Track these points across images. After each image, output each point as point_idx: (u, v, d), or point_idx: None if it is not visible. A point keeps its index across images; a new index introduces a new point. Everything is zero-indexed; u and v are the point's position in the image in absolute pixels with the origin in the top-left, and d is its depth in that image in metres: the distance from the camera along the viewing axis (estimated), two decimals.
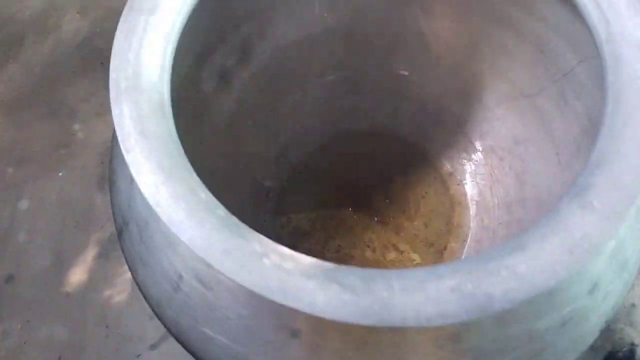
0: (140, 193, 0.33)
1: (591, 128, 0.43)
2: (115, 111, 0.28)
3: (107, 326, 0.56)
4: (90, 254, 0.59)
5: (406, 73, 0.51)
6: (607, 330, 0.38)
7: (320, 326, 0.28)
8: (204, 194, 0.28)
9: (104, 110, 0.64)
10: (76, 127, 0.63)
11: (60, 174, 0.62)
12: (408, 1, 0.48)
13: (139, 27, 0.30)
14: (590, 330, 0.34)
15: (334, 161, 0.53)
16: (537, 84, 0.46)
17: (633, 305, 0.47)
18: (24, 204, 0.61)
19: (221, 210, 0.27)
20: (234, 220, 0.27)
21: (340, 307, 0.25)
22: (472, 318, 0.25)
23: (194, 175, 0.28)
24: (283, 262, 0.26)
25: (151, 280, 0.34)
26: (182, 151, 0.29)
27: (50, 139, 0.63)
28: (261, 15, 0.47)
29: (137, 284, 0.37)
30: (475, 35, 0.48)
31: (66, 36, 0.68)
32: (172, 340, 0.52)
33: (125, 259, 0.37)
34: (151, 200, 0.27)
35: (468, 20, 0.47)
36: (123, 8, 0.70)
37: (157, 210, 0.27)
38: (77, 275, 0.58)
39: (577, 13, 0.36)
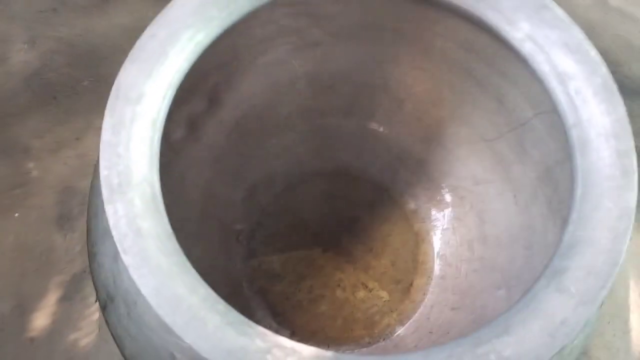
0: (128, 274, 0.33)
1: (547, 175, 0.46)
2: (109, 211, 0.28)
3: None
4: (52, 297, 0.58)
5: (371, 120, 0.53)
6: None
7: None
8: (203, 290, 0.28)
9: (59, 146, 0.62)
10: (30, 165, 0.61)
11: (16, 214, 0.60)
12: (372, 50, 0.49)
13: (126, 118, 0.30)
14: None
15: (301, 202, 0.54)
16: (496, 130, 0.49)
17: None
18: None
19: (221, 305, 0.28)
20: (235, 314, 0.28)
21: None
22: None
23: (192, 270, 0.29)
24: (286, 358, 0.27)
25: (141, 356, 0.35)
26: (177, 246, 0.29)
27: (3, 179, 0.60)
28: (227, 65, 0.48)
29: (124, 356, 0.37)
30: (438, 83, 0.50)
31: (14, 69, 0.65)
32: None
33: (111, 332, 0.37)
34: (153, 303, 0.27)
35: (431, 69, 0.49)
36: (73, 39, 0.67)
37: (159, 312, 0.27)
38: (41, 320, 0.57)
39: (536, 78, 0.39)
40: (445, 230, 0.53)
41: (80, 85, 0.64)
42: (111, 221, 0.28)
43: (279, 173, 0.55)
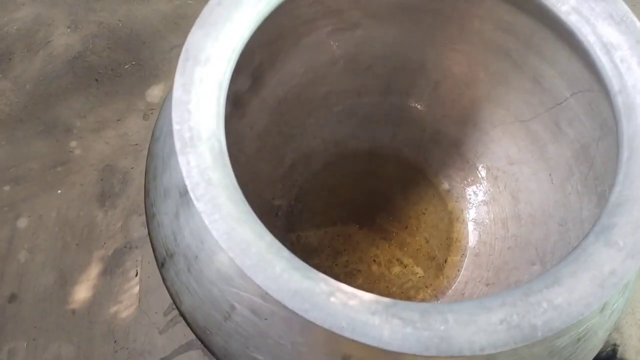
0: (190, 229, 0.35)
1: (582, 152, 0.47)
2: (182, 161, 0.30)
3: (115, 342, 0.57)
4: (93, 271, 0.60)
5: (408, 100, 0.54)
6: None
7: (371, 352, 0.31)
8: (269, 238, 0.30)
9: (101, 126, 0.64)
10: (73, 144, 0.64)
11: (59, 191, 0.62)
12: (410, 31, 0.51)
13: (196, 78, 0.32)
14: (597, 343, 0.38)
15: (338, 180, 0.56)
16: (531, 110, 0.50)
17: None
18: (22, 222, 0.61)
19: (286, 253, 0.30)
20: (298, 261, 0.30)
21: (404, 340, 0.28)
22: (520, 346, 0.28)
23: (258, 220, 0.30)
24: (349, 300, 0.29)
25: (199, 309, 0.36)
26: (243, 197, 0.31)
27: (47, 157, 0.63)
28: (272, 44, 0.49)
29: (181, 312, 0.38)
30: (474, 64, 0.51)
31: (57, 51, 0.67)
32: (183, 354, 0.54)
33: (168, 288, 0.39)
34: (225, 246, 0.29)
35: (467, 50, 0.50)
36: (114, 24, 0.70)
37: (231, 255, 0.29)
38: (82, 293, 0.59)
39: (580, 55, 0.41)
40: (479, 209, 0.55)
41: (121, 68, 0.66)
42: (184, 171, 0.30)
43: (317, 152, 0.56)
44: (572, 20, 0.37)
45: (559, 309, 0.29)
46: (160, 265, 0.38)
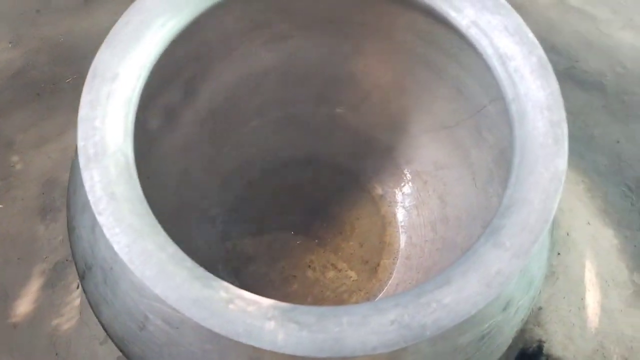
0: (105, 241, 0.36)
1: (501, 157, 0.49)
2: (85, 177, 0.31)
3: (56, 354, 0.58)
4: (35, 284, 0.60)
5: (340, 109, 0.56)
6: (519, 331, 0.44)
7: (279, 357, 0.32)
8: (172, 249, 0.31)
9: (42, 141, 0.64)
10: (14, 158, 0.64)
11: (0, 205, 0.62)
12: (339, 43, 0.53)
13: (102, 95, 0.33)
14: (504, 340, 0.40)
15: (274, 188, 0.57)
16: (455, 117, 0.52)
17: (540, 308, 0.53)
18: None
19: (188, 262, 0.31)
20: (201, 270, 0.31)
21: (298, 344, 0.29)
22: (409, 345, 0.30)
23: (162, 231, 0.31)
24: (247, 307, 0.30)
25: (116, 320, 0.37)
26: (149, 210, 0.32)
27: None
28: (202, 58, 0.50)
29: (101, 323, 0.39)
30: (401, 73, 0.53)
31: None
32: None
33: (88, 300, 0.39)
34: (125, 259, 0.30)
35: (394, 60, 0.52)
36: (56, 39, 0.70)
37: (131, 267, 0.30)
38: (23, 306, 0.59)
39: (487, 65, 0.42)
40: (410, 212, 0.56)
41: (63, 82, 0.67)
42: (87, 186, 0.31)
43: (253, 161, 0.57)
44: (472, 33, 0.38)
45: (447, 308, 0.30)
46: (81, 277, 0.39)
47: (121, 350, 0.38)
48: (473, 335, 0.36)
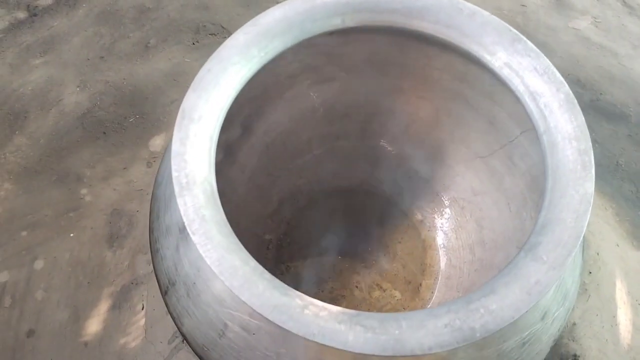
0: (189, 259, 0.41)
1: (533, 183, 0.53)
2: (180, 202, 0.36)
3: None
4: (104, 306, 0.65)
5: (381, 141, 0.61)
6: (555, 345, 0.48)
7: (340, 356, 0.37)
8: (253, 263, 0.36)
9: (108, 174, 0.71)
10: (84, 191, 0.70)
11: (71, 234, 0.68)
12: (380, 82, 0.58)
13: (191, 134, 0.39)
14: (542, 348, 0.44)
15: (321, 215, 0.62)
16: (489, 148, 0.57)
17: (574, 324, 0.57)
18: (39, 264, 0.67)
19: (267, 275, 0.36)
20: (278, 282, 0.36)
21: (364, 344, 0.34)
22: (460, 345, 0.34)
23: (244, 249, 0.37)
24: (319, 312, 0.35)
25: (197, 329, 0.42)
26: (232, 231, 0.37)
27: (60, 204, 0.69)
28: (258, 98, 0.56)
29: (182, 333, 0.44)
30: (437, 109, 0.58)
31: (68, 109, 0.75)
32: None
33: (170, 313, 0.45)
34: (216, 271, 0.35)
35: (430, 97, 0.58)
36: (119, 82, 0.76)
37: (222, 278, 0.35)
38: (93, 327, 0.64)
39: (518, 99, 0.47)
40: (449, 236, 0.61)
41: (127, 121, 0.73)
42: (182, 210, 0.36)
43: (302, 190, 0.63)
44: (505, 73, 0.44)
45: (493, 314, 0.35)
46: (164, 293, 0.45)
47: (200, 358, 0.43)
48: (515, 341, 0.40)
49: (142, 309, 0.65)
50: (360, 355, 0.34)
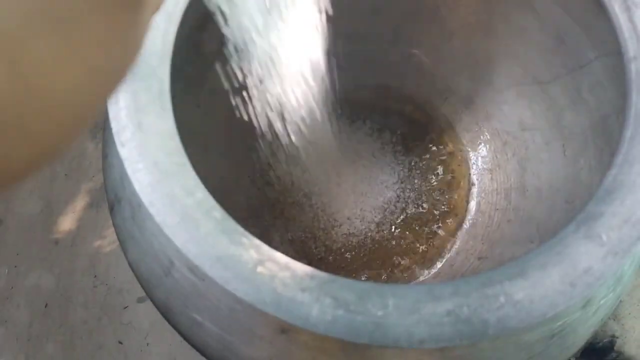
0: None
1: (602, 125, 0.41)
2: (111, 101, 0.27)
3: (95, 276, 0.56)
4: (80, 203, 0.58)
5: (416, 49, 0.49)
6: (595, 332, 0.39)
7: (312, 335, 0.28)
8: (201, 194, 0.27)
9: None
10: None
11: None
12: None
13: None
14: (576, 341, 0.34)
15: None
16: (551, 72, 0.45)
17: (621, 301, 0.47)
18: None
19: (218, 212, 0.27)
20: (231, 223, 0.27)
21: (332, 323, 0.25)
22: (466, 343, 0.25)
23: (192, 172, 0.27)
24: (279, 272, 0.26)
25: (142, 260, 0.34)
26: (180, 146, 0.27)
27: None
28: None
29: (128, 260, 0.36)
30: (493, 13, 0.45)
31: None
32: None
33: (117, 234, 0.36)
34: (145, 200, 0.26)
35: None
36: None
37: (151, 210, 0.26)
38: (67, 224, 0.58)
39: (605, 14, 0.35)
40: (483, 176, 0.50)
41: None
42: (111, 112, 0.27)
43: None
44: None
45: (518, 306, 0.25)
46: (110, 209, 0.36)
47: (146, 293, 0.35)
48: (542, 333, 0.30)
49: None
50: (325, 338, 0.25)
